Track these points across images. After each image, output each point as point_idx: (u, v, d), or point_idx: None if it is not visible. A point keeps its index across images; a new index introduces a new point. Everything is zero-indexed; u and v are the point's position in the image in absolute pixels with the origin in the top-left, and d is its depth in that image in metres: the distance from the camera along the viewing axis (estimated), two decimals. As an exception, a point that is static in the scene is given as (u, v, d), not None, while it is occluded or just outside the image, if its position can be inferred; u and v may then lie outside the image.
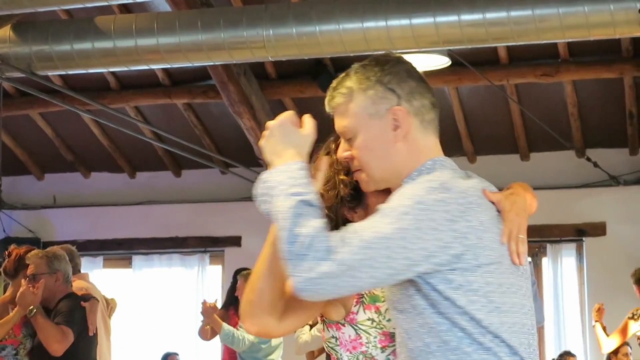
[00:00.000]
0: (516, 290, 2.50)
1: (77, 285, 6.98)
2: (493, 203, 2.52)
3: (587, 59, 9.99)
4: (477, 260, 2.41)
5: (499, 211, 2.52)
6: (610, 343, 8.94)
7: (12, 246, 6.75)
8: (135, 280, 12.30)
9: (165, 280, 12.26)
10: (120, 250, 12.34)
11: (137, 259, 12.35)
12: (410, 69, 2.65)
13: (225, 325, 8.64)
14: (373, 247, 2.33)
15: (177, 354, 11.34)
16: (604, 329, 9.11)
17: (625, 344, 8.91)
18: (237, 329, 8.66)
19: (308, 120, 2.68)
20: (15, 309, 6.24)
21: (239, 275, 9.07)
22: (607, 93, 10.58)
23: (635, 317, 8.74)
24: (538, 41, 7.53)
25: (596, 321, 9.19)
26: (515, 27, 7.24)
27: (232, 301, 9.30)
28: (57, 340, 6.26)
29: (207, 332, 9.15)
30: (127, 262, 12.41)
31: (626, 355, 8.90)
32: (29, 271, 6.35)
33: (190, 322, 11.36)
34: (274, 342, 8.90)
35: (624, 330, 8.80)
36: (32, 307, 6.18)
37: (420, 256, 2.36)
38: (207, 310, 8.69)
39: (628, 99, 10.37)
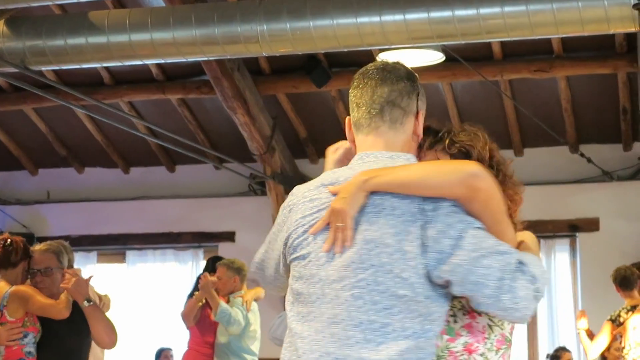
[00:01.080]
0: (319, 280, 2.65)
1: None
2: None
3: (581, 54, 10.00)
4: (289, 257, 2.78)
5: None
6: (595, 348, 8.94)
7: (6, 234, 6.70)
8: (129, 276, 12.31)
9: (159, 276, 12.26)
10: (114, 245, 12.34)
11: (131, 254, 12.35)
12: (356, 78, 2.90)
13: (223, 303, 8.55)
14: (263, 250, 2.96)
15: (171, 349, 11.34)
16: (590, 333, 9.10)
17: (614, 339, 8.90)
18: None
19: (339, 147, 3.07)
20: (64, 293, 6.17)
21: (219, 265, 8.94)
22: (600, 89, 10.58)
23: (613, 317, 8.76)
24: (532, 36, 7.53)
25: (580, 329, 9.17)
26: (509, 22, 7.24)
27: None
28: (115, 332, 6.27)
29: (193, 311, 8.89)
30: (121, 257, 12.42)
31: (618, 349, 8.92)
32: (40, 265, 6.31)
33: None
34: (258, 334, 8.85)
35: (607, 333, 8.80)
36: (88, 297, 6.15)
37: (276, 255, 2.86)
38: (207, 284, 8.53)
39: (622, 95, 10.38)
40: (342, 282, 2.61)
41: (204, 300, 8.80)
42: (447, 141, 2.84)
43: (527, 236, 2.77)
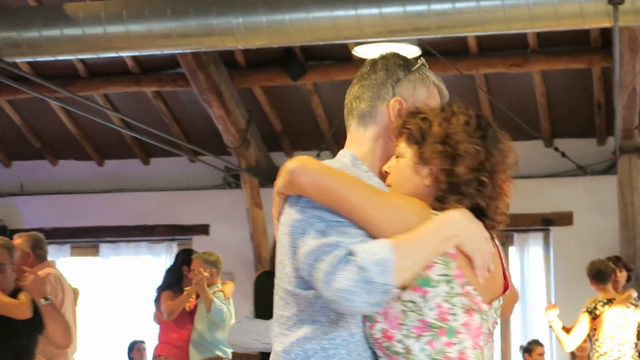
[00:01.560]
0: None
1: (48, 272, 6.98)
2: None
3: (556, 49, 10.03)
4: None
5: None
6: (573, 340, 8.95)
7: None
8: (103, 269, 12.26)
9: (133, 269, 12.22)
10: (87, 238, 12.30)
11: (104, 247, 12.31)
12: None
13: (216, 299, 8.55)
14: None
15: (144, 342, 11.31)
16: (565, 329, 9.12)
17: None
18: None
19: None
20: (24, 293, 6.13)
21: (196, 258, 8.91)
22: (575, 83, 10.63)
23: (589, 309, 8.78)
24: (507, 31, 7.55)
25: (550, 321, 9.16)
26: (485, 16, 7.26)
27: (178, 281, 9.03)
28: (70, 332, 6.23)
29: (182, 306, 8.84)
30: (94, 250, 12.37)
31: (585, 342, 8.99)
32: None
33: (158, 311, 11.33)
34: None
35: (585, 324, 8.82)
36: (45, 295, 6.10)
37: None
38: (202, 280, 8.50)
39: (596, 90, 10.43)
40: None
41: (193, 296, 8.78)
42: (400, 124, 2.75)
43: (447, 213, 2.59)
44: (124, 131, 10.97)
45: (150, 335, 10.88)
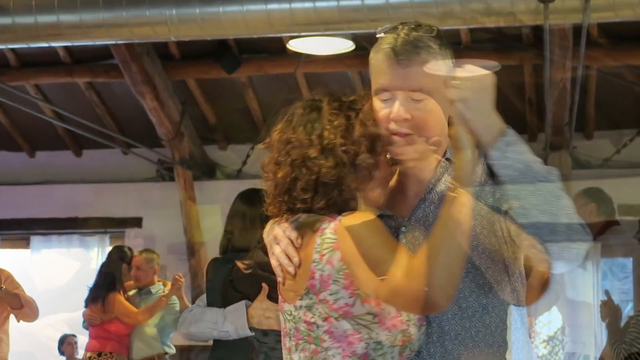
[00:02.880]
0: None
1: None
2: None
3: (488, 46, 10.11)
4: None
5: None
6: None
7: None
8: (33, 261, 12.15)
9: (64, 261, 12.12)
10: (18, 230, 12.17)
11: (35, 240, 12.19)
12: None
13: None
14: None
15: (75, 336, 11.24)
16: None
17: None
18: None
19: None
20: None
21: (139, 255, 8.85)
22: (507, 80, 10.71)
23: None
24: (440, 27, 7.58)
25: None
26: (418, 12, 7.29)
27: (119, 279, 8.96)
28: None
29: (155, 312, 8.77)
30: (25, 243, 12.26)
31: None
32: None
33: (89, 304, 11.24)
34: None
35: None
36: None
37: None
38: (182, 286, 8.51)
39: (528, 87, 10.53)
40: None
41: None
42: None
43: None
44: (56, 122, 10.87)
45: (81, 329, 10.83)
